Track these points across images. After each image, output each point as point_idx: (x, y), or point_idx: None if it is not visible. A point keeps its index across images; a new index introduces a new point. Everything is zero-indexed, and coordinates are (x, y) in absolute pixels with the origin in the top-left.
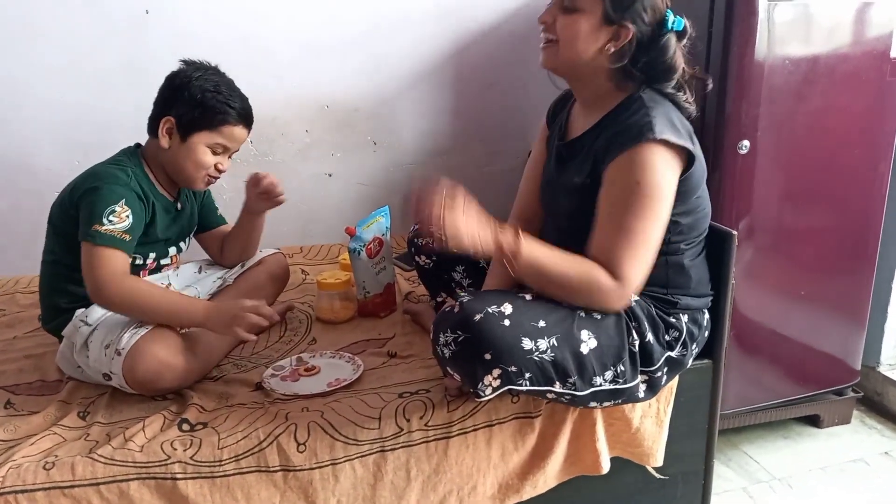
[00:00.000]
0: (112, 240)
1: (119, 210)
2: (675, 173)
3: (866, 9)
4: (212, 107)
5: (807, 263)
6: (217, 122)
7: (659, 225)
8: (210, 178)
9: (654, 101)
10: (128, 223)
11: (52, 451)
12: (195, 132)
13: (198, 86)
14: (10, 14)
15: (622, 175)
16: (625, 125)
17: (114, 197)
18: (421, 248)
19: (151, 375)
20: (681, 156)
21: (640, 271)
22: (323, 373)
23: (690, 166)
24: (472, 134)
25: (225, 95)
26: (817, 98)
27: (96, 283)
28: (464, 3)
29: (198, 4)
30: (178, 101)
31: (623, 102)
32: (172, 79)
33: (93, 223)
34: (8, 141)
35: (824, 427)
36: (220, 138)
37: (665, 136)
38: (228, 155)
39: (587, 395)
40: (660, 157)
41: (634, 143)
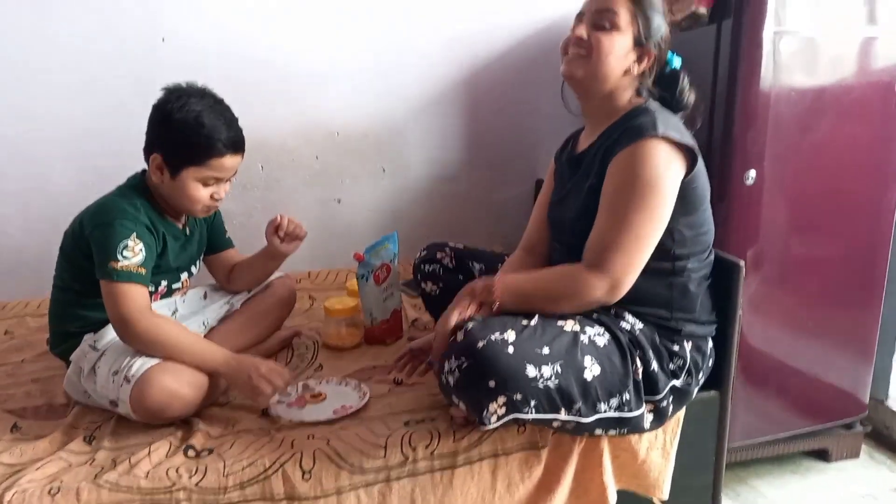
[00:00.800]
0: (129, 275)
1: (132, 244)
2: (678, 172)
3: (871, 42)
4: (195, 143)
5: (814, 294)
6: (203, 157)
7: (654, 221)
8: (208, 208)
9: (659, 110)
10: (141, 257)
11: (58, 476)
12: (183, 168)
13: (178, 120)
14: (28, 39)
15: (621, 168)
16: (630, 126)
17: (125, 232)
18: (427, 275)
19: (159, 405)
20: (684, 155)
21: (627, 263)
22: (329, 400)
23: (693, 167)
24: (481, 161)
25: (208, 128)
26: (823, 129)
27: (121, 320)
28: (473, 32)
29: (212, 32)
30: (162, 139)
31: (629, 112)
32: (155, 112)
33: (108, 260)
34: (21, 164)
35: (833, 461)
36: (208, 171)
37: (668, 134)
38: (226, 180)
39: (592, 423)
40: (661, 153)
41: (638, 139)
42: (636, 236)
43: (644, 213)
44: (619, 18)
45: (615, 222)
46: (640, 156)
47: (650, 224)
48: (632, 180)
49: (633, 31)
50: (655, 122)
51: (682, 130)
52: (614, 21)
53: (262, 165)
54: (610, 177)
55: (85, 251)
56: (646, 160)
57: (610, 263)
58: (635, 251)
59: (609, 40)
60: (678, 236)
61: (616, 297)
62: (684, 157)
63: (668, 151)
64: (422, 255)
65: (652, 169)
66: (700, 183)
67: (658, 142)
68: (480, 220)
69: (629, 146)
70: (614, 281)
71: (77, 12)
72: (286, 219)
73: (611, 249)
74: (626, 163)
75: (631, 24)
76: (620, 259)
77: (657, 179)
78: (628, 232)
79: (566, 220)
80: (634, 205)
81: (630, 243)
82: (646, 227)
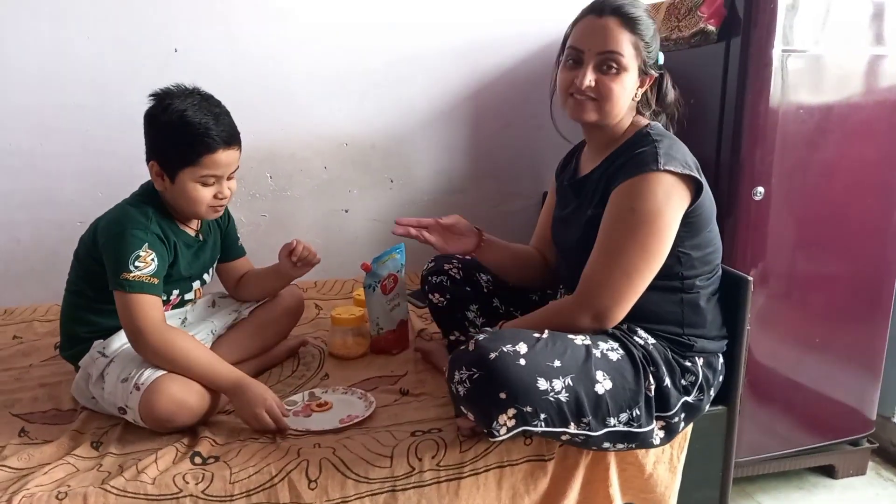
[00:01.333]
0: (142, 286)
1: (143, 254)
2: (681, 205)
3: (878, 60)
4: (184, 143)
5: (821, 311)
6: (193, 156)
7: (646, 255)
8: (215, 208)
9: (661, 135)
10: (153, 267)
11: (65, 480)
12: (179, 171)
13: (164, 122)
14: (42, 51)
15: (619, 201)
16: (633, 156)
17: (136, 243)
18: (434, 287)
19: (168, 414)
20: (688, 186)
21: (613, 298)
22: (335, 409)
23: (698, 197)
24: (487, 173)
25: (194, 125)
26: (831, 146)
27: (136, 333)
28: (480, 46)
29: (223, 44)
30: (153, 143)
31: (632, 137)
32: (146, 120)
33: (121, 272)
34: (33, 173)
35: (839, 478)
36: (204, 170)
37: (669, 167)
38: (227, 177)
39: (601, 436)
40: (661, 187)
41: (638, 173)
42: (626, 272)
43: (637, 248)
44: (625, 58)
45: (607, 257)
46: (638, 191)
47: (643, 260)
48: (627, 215)
49: (638, 63)
50: (657, 155)
51: (685, 158)
52: (621, 62)
53: (270, 175)
54: (608, 209)
55: (99, 260)
56: (644, 195)
57: (597, 298)
58: (625, 286)
59: (620, 86)
60: (685, 259)
61: (602, 327)
62: (687, 187)
63: (670, 185)
64: (429, 266)
65: (648, 203)
66: (705, 207)
67: (659, 175)
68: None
69: (629, 179)
70: (600, 315)
71: (90, 24)
72: (301, 245)
73: (601, 284)
74: (623, 196)
75: (636, 58)
76: (608, 294)
77: (653, 215)
78: (619, 267)
79: (570, 244)
80: (627, 240)
81: (620, 278)
82: (638, 262)
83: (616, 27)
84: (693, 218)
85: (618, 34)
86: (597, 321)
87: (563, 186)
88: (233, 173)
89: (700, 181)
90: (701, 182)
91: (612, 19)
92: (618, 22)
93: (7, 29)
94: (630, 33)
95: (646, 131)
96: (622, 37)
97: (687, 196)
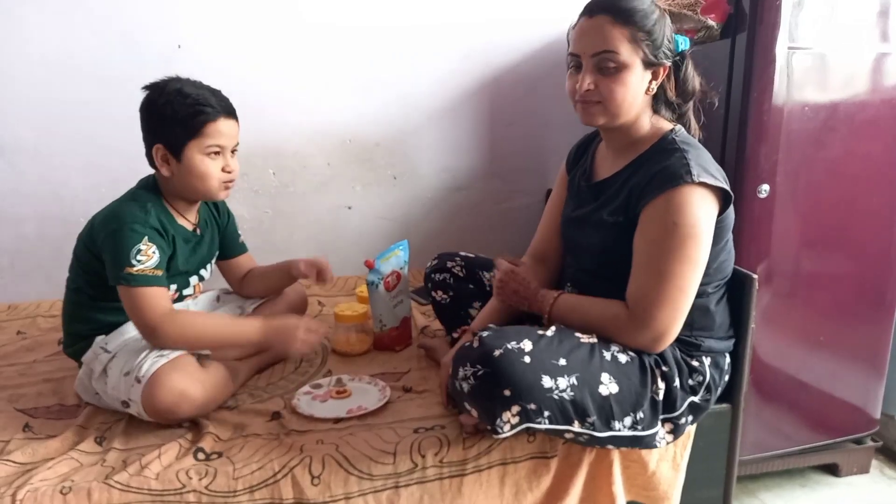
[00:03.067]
0: (146, 279)
1: (145, 248)
2: (713, 215)
3: (883, 58)
4: (184, 114)
5: (825, 309)
6: (197, 125)
7: (695, 268)
8: (226, 185)
9: (687, 144)
10: (156, 259)
11: (69, 475)
12: (184, 146)
13: (163, 102)
14: (48, 47)
15: (660, 216)
16: (662, 167)
17: (136, 237)
18: (438, 284)
19: (169, 405)
20: (717, 197)
21: (672, 316)
22: (353, 398)
23: (726, 207)
24: (491, 171)
25: (193, 97)
26: (836, 144)
27: (148, 326)
28: (485, 44)
29: (227, 41)
30: (155, 127)
31: (657, 144)
32: (143, 108)
33: (123, 266)
34: (38, 169)
35: (843, 476)
36: (208, 140)
37: (703, 179)
38: (231, 152)
39: (605, 438)
40: (697, 200)
41: (673, 186)
42: (679, 287)
43: (685, 263)
44: (622, 55)
45: (657, 275)
46: (677, 204)
47: (691, 273)
48: (670, 231)
49: (640, 56)
50: (689, 166)
51: (713, 168)
52: (618, 60)
53: (273, 172)
54: (646, 225)
55: (97, 257)
56: (683, 209)
57: (655, 319)
58: (680, 302)
59: (621, 85)
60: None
61: (661, 348)
62: (716, 197)
63: (703, 196)
64: (433, 263)
65: (689, 217)
66: (729, 216)
67: (694, 188)
68: (491, 230)
69: (664, 193)
70: (659, 334)
71: (95, 20)
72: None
73: (655, 304)
74: (663, 212)
75: (635, 52)
76: (666, 313)
77: (694, 228)
78: (671, 284)
79: (584, 246)
80: (675, 256)
81: (674, 296)
82: (687, 277)
83: (608, 24)
84: (717, 229)
85: (610, 31)
86: (655, 343)
87: (578, 186)
88: (235, 148)
89: (730, 193)
90: (730, 194)
91: (604, 17)
92: (609, 19)
93: (12, 24)
94: (625, 27)
95: (671, 138)
96: (615, 33)
97: (716, 207)
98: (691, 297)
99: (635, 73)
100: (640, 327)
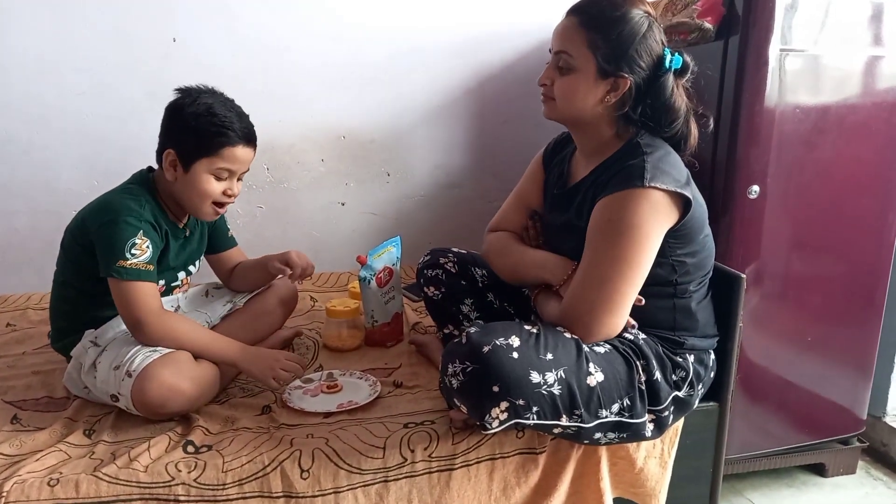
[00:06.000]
0: (138, 273)
1: (139, 242)
2: (667, 221)
3: (876, 61)
4: (206, 131)
5: (814, 310)
6: (215, 146)
7: (628, 267)
8: (217, 209)
9: (651, 146)
10: (149, 254)
11: (57, 467)
12: (195, 161)
13: (190, 113)
14: (40, 40)
15: (599, 214)
16: (621, 169)
17: (131, 230)
18: (430, 280)
19: (160, 400)
20: (676, 202)
21: (596, 312)
22: (343, 392)
23: (688, 211)
24: (484, 169)
25: (220, 117)
26: (827, 146)
27: (135, 321)
28: (480, 42)
29: (222, 35)
30: (175, 132)
31: (622, 147)
32: (168, 110)
33: (116, 259)
34: (30, 162)
35: (829, 476)
36: (221, 162)
37: (655, 183)
38: (237, 178)
39: (593, 427)
40: (645, 203)
41: (623, 188)
42: (602, 284)
43: (613, 260)
44: (574, 58)
45: (585, 269)
46: (621, 205)
47: (619, 272)
48: (605, 227)
49: (593, 65)
50: (643, 170)
51: (673, 171)
52: (569, 63)
53: (267, 167)
54: (591, 222)
55: (87, 248)
56: (625, 209)
57: (575, 310)
58: (601, 298)
59: (566, 85)
60: (680, 267)
61: (588, 340)
62: (675, 202)
63: (656, 201)
64: (425, 259)
65: (630, 218)
66: (696, 217)
67: (644, 192)
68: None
69: (614, 193)
70: (582, 327)
71: (90, 13)
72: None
73: (578, 297)
74: (604, 209)
75: (589, 60)
76: (586, 307)
77: (632, 229)
78: (595, 279)
79: (563, 251)
80: (604, 252)
81: (596, 290)
82: (613, 275)
83: (571, 26)
84: (684, 230)
85: (570, 33)
86: (581, 333)
87: (553, 195)
88: (243, 174)
89: (689, 197)
90: (690, 199)
91: (571, 18)
92: (575, 21)
93: (7, 17)
94: (586, 32)
95: (636, 141)
96: (575, 36)
97: (674, 212)
98: (615, 297)
99: (585, 78)
100: (563, 318)
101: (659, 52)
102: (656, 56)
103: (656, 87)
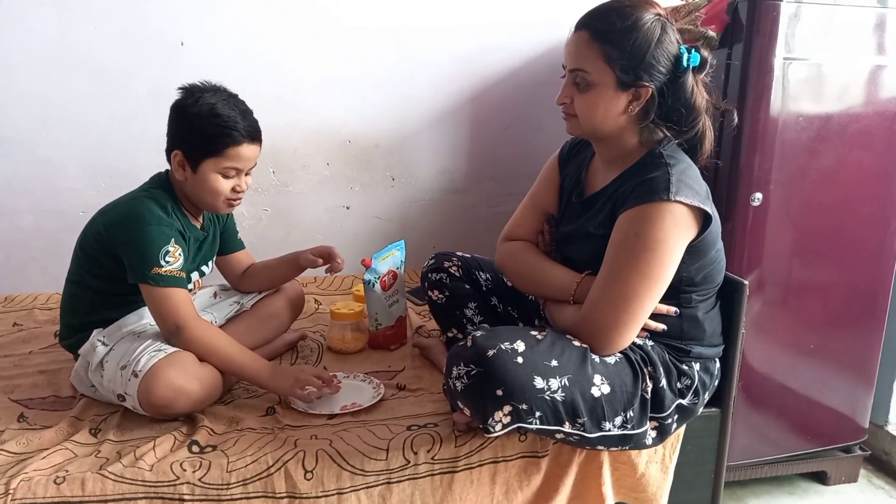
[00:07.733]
0: (173, 280)
1: (172, 250)
2: (688, 235)
3: (879, 70)
4: (211, 133)
5: (816, 318)
6: (220, 146)
7: (651, 281)
8: (231, 202)
9: (674, 158)
10: (181, 262)
11: (63, 465)
12: (202, 161)
13: (194, 113)
14: (47, 42)
15: (625, 227)
16: (644, 179)
17: (164, 238)
18: (434, 283)
19: (166, 400)
20: (696, 217)
21: (615, 325)
22: (343, 393)
23: (707, 227)
24: (487, 174)
25: (223, 118)
26: (830, 155)
27: (174, 326)
28: (484, 49)
29: (229, 39)
30: (180, 134)
31: (644, 157)
32: (172, 111)
33: (151, 266)
34: (36, 162)
35: (831, 484)
36: (227, 162)
37: (680, 198)
38: (245, 173)
39: (596, 438)
40: (670, 217)
41: (648, 200)
42: (624, 297)
43: (637, 274)
44: (591, 74)
45: (608, 281)
46: (647, 217)
47: (643, 286)
48: (631, 241)
49: (612, 78)
50: (668, 182)
51: (696, 186)
52: (587, 80)
53: (272, 170)
54: (613, 233)
55: (112, 253)
56: (650, 222)
57: (595, 322)
58: (623, 311)
59: (586, 101)
60: (688, 280)
61: (603, 352)
62: (696, 217)
63: (679, 215)
64: (430, 263)
65: (654, 232)
66: (712, 232)
67: (669, 206)
68: (487, 232)
69: (638, 206)
70: (599, 338)
71: (96, 14)
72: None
73: (599, 309)
74: (630, 222)
75: (606, 73)
76: (606, 319)
77: (656, 243)
78: (618, 292)
79: (577, 261)
80: (629, 265)
81: (618, 303)
82: (637, 288)
83: (583, 41)
84: (700, 245)
85: (584, 49)
86: (597, 345)
87: (569, 202)
88: (251, 169)
89: (710, 214)
90: (710, 214)
91: (582, 33)
92: (586, 35)
93: (12, 17)
94: (601, 45)
95: (658, 151)
96: (589, 51)
97: (694, 227)
98: (637, 310)
99: (605, 92)
100: (580, 327)
101: (675, 53)
102: (674, 57)
103: (676, 87)
